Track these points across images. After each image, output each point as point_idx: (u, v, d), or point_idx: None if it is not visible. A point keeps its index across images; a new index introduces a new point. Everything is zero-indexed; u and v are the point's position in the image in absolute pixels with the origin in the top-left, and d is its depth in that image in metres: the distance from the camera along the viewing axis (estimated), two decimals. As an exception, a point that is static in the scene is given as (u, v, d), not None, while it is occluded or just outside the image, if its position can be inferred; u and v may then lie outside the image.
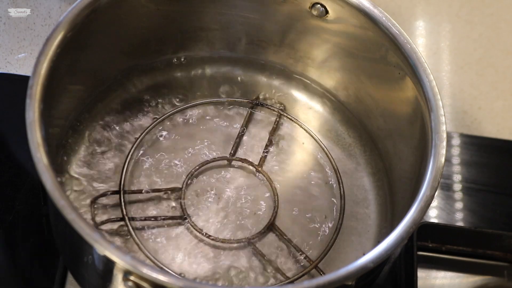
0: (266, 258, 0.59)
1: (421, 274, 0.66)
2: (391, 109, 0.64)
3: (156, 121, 0.65)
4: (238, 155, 0.65)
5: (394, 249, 0.50)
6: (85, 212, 0.59)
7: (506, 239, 0.66)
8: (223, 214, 0.61)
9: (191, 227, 0.60)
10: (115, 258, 0.46)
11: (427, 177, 0.53)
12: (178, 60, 0.68)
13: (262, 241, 0.61)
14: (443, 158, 0.54)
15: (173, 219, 0.60)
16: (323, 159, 0.66)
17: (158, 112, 0.66)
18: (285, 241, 0.61)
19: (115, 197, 0.60)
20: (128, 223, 0.59)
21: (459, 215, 0.72)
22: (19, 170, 0.67)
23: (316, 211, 0.63)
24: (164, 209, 0.61)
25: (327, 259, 0.60)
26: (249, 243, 0.60)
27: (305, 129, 0.67)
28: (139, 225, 0.60)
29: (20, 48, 0.76)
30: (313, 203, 0.63)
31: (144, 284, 0.46)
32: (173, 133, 0.65)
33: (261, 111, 0.68)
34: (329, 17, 0.62)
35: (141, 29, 0.64)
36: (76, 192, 0.60)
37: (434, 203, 0.72)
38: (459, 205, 0.72)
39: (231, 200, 0.62)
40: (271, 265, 0.59)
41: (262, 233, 0.61)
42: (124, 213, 0.59)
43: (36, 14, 0.78)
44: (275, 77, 0.70)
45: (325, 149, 0.66)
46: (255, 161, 0.64)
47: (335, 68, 0.67)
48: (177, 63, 0.68)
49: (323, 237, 0.62)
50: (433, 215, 0.71)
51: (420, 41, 0.84)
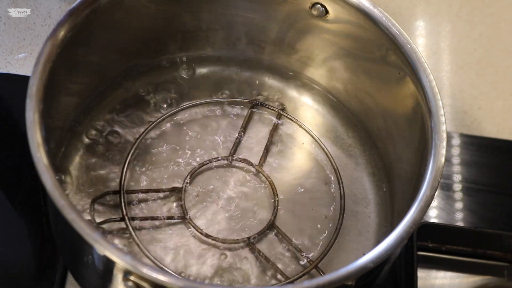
0: (266, 258, 0.59)
1: (421, 274, 0.66)
2: (391, 109, 0.64)
3: (156, 121, 0.65)
4: (238, 155, 0.65)
5: (394, 249, 0.50)
6: (85, 212, 0.59)
7: (506, 239, 0.66)
8: (223, 214, 0.61)
9: (191, 227, 0.60)
10: (115, 258, 0.46)
11: (427, 177, 0.53)
12: (178, 60, 0.68)
13: (262, 241, 0.61)
14: (443, 158, 0.54)
15: (173, 219, 0.60)
16: (323, 159, 0.66)
17: (158, 112, 0.66)
18: (285, 241, 0.61)
19: (115, 197, 0.60)
20: (128, 223, 0.59)
21: (459, 215, 0.72)
22: (19, 170, 0.67)
23: (316, 211, 0.63)
24: (164, 209, 0.61)
25: (327, 259, 0.60)
26: (249, 243, 0.60)
27: (305, 129, 0.67)
28: (139, 225, 0.60)
29: (20, 48, 0.76)
30: (313, 203, 0.63)
31: (144, 284, 0.46)
32: (173, 133, 0.65)
33: (261, 111, 0.68)
34: (329, 17, 0.62)
35: (141, 29, 0.64)
36: (76, 192, 0.60)
37: (434, 203, 0.72)
38: (459, 205, 0.72)
39: (231, 200, 0.62)
40: (271, 265, 0.59)
41: (262, 233, 0.61)
42: (124, 213, 0.59)
43: (36, 14, 0.78)
44: (275, 77, 0.70)
45: (325, 149, 0.66)
46: (255, 161, 0.64)
47: (335, 68, 0.67)
48: (177, 63, 0.68)
49: (323, 237, 0.62)
50: (433, 215, 0.71)
51: (420, 41, 0.84)
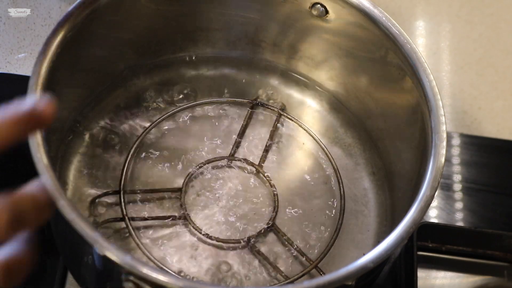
0: (266, 258, 0.59)
1: (421, 274, 0.66)
2: (391, 109, 0.64)
3: (156, 121, 0.65)
4: (238, 155, 0.65)
5: (394, 249, 0.50)
6: (85, 212, 0.59)
7: (506, 239, 0.66)
8: (223, 214, 0.61)
9: (191, 227, 0.60)
10: (115, 258, 0.46)
11: (427, 177, 0.53)
12: (178, 60, 0.68)
13: (262, 241, 0.61)
14: (443, 158, 0.54)
15: (173, 219, 0.60)
16: (323, 159, 0.66)
17: (158, 112, 0.66)
18: (285, 241, 0.60)
19: (115, 197, 0.60)
20: (128, 223, 0.59)
21: (459, 215, 0.72)
22: (19, 170, 0.67)
23: (316, 211, 0.63)
24: (164, 209, 0.61)
25: (327, 259, 0.60)
26: (249, 243, 0.60)
27: (305, 129, 0.67)
28: (139, 225, 0.60)
29: (20, 48, 0.76)
30: (313, 203, 0.63)
31: (144, 284, 0.46)
32: (173, 133, 0.65)
33: (261, 111, 0.68)
34: (329, 17, 0.62)
35: (141, 29, 0.64)
36: (76, 192, 0.60)
37: (434, 203, 0.71)
38: (459, 205, 0.72)
39: (231, 200, 0.62)
40: (271, 265, 0.59)
41: (262, 233, 0.61)
42: (124, 213, 0.59)
43: (36, 14, 0.78)
44: (275, 77, 0.70)
45: (325, 149, 0.66)
46: (255, 161, 0.64)
47: (335, 68, 0.67)
48: (177, 63, 0.68)
49: (323, 237, 0.62)
50: (433, 215, 0.71)
51: (420, 41, 0.84)
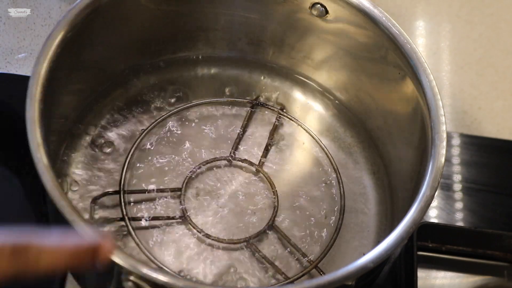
0: (266, 258, 0.59)
1: (421, 274, 0.66)
2: (391, 109, 0.64)
3: (156, 121, 0.65)
4: (238, 155, 0.65)
5: (394, 249, 0.50)
6: (85, 212, 0.59)
7: (506, 239, 0.66)
8: (223, 214, 0.61)
9: (191, 227, 0.60)
10: (115, 258, 0.46)
11: (427, 177, 0.53)
12: (178, 60, 0.68)
13: (262, 241, 0.61)
14: (443, 158, 0.54)
15: (173, 219, 0.60)
16: (323, 159, 0.66)
17: (158, 112, 0.66)
18: (285, 241, 0.60)
19: (115, 197, 0.60)
20: (128, 223, 0.59)
21: (459, 215, 0.72)
22: (19, 170, 0.67)
23: (316, 211, 0.63)
24: (164, 209, 0.61)
25: (327, 259, 0.60)
26: (249, 243, 0.60)
27: (305, 129, 0.67)
28: (139, 225, 0.60)
29: (20, 48, 0.76)
30: (313, 203, 0.63)
31: (144, 284, 0.46)
32: (173, 133, 0.65)
33: (261, 111, 0.68)
34: (329, 17, 0.62)
35: (141, 29, 0.64)
36: (76, 192, 0.60)
37: (434, 203, 0.71)
38: (459, 205, 0.72)
39: (231, 200, 0.62)
40: (271, 265, 0.59)
41: (262, 233, 0.61)
42: (124, 213, 0.59)
43: (36, 14, 0.77)
44: (275, 77, 0.70)
45: (325, 149, 0.66)
46: (255, 161, 0.64)
47: (335, 68, 0.67)
48: (177, 63, 0.68)
49: (323, 237, 0.62)
50: (433, 215, 0.71)
51: (420, 41, 0.84)
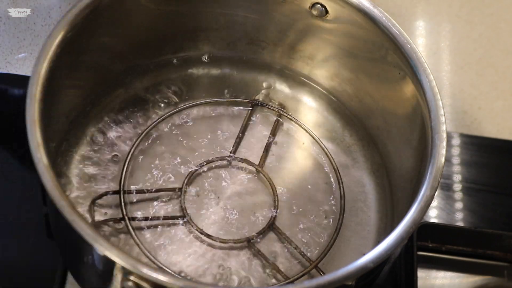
0: (266, 258, 0.59)
1: (421, 274, 0.66)
2: (391, 109, 0.64)
3: (156, 121, 0.65)
4: (238, 155, 0.65)
5: (394, 249, 0.50)
6: (85, 212, 0.59)
7: (506, 239, 0.66)
8: (223, 214, 0.61)
9: (191, 227, 0.60)
10: (115, 258, 0.46)
11: (427, 177, 0.53)
12: (178, 60, 0.68)
13: (262, 241, 0.61)
14: (443, 158, 0.54)
15: (173, 219, 0.60)
16: (323, 159, 0.66)
17: (158, 112, 0.66)
18: (285, 241, 0.60)
19: (115, 197, 0.60)
20: (128, 223, 0.59)
21: (459, 215, 0.72)
22: (19, 170, 0.67)
23: (316, 211, 0.63)
24: (164, 209, 0.61)
25: (327, 259, 0.60)
26: (249, 243, 0.60)
27: (305, 129, 0.67)
28: (139, 225, 0.60)
29: (20, 48, 0.76)
30: (313, 203, 0.63)
31: (144, 284, 0.46)
32: (173, 133, 0.65)
33: (261, 111, 0.68)
34: (329, 17, 0.62)
35: (141, 29, 0.64)
36: (76, 192, 0.60)
37: (434, 203, 0.71)
38: (459, 205, 0.72)
39: (231, 200, 0.62)
40: (271, 265, 0.59)
41: (262, 233, 0.61)
42: (124, 213, 0.59)
43: (36, 14, 0.77)
44: (275, 77, 0.70)
45: (325, 149, 0.66)
46: (255, 161, 0.64)
47: (335, 68, 0.67)
48: (177, 63, 0.68)
49: (323, 237, 0.62)
50: (433, 215, 0.71)
51: (420, 41, 0.84)
